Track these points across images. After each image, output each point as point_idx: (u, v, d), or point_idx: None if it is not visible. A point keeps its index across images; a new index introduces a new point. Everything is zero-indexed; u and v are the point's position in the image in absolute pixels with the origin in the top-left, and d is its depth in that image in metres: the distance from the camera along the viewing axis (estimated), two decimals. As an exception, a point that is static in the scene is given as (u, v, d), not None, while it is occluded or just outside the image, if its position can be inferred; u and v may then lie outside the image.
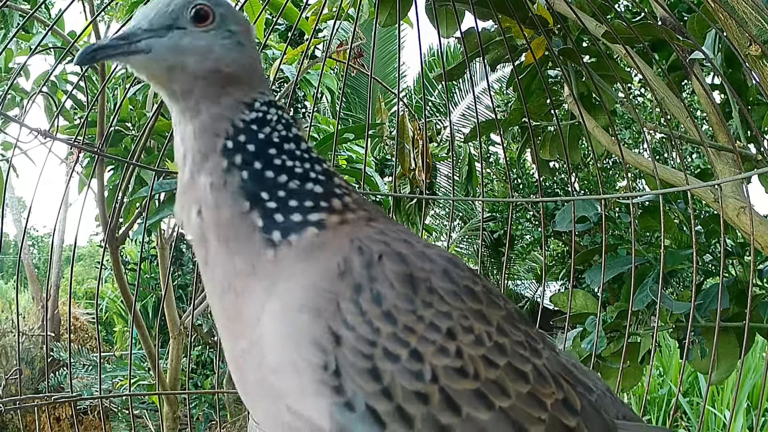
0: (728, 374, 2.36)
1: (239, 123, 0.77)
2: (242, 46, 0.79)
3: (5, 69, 4.20)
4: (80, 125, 2.20)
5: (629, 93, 5.93)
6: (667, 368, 5.97)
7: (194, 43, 0.77)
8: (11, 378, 2.96)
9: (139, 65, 0.78)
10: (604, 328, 2.45)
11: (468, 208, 10.17)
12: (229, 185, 0.74)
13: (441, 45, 2.43)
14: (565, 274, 6.74)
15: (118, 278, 3.52)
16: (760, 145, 2.52)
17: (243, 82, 0.79)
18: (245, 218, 0.74)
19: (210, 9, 0.78)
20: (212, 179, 0.75)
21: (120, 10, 4.81)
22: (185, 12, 0.77)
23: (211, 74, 0.77)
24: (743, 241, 2.64)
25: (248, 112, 0.78)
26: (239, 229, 0.74)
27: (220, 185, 0.74)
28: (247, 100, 0.79)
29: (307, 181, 0.76)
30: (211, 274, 0.76)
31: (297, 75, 2.86)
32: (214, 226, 0.74)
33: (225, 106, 0.77)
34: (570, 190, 5.11)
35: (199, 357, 6.50)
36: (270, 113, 0.79)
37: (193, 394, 5.68)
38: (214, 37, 0.78)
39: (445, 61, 2.57)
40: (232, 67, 0.78)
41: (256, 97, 0.79)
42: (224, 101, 0.77)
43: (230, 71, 0.78)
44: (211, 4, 0.78)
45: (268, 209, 0.74)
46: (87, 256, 14.13)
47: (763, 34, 1.78)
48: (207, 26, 0.78)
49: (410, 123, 3.79)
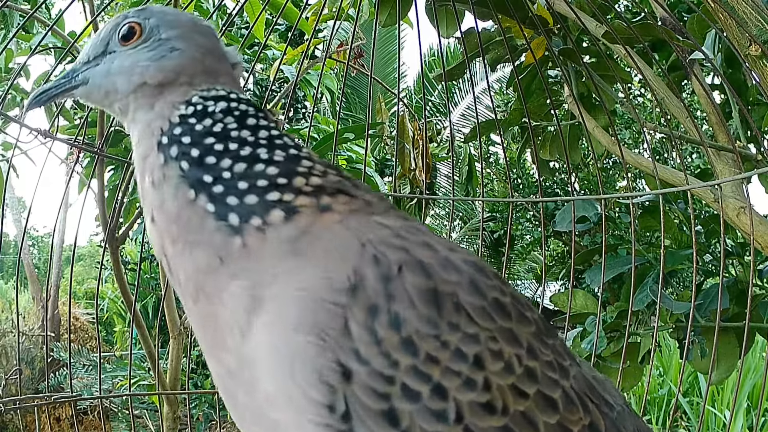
0: (728, 374, 2.36)
1: (175, 119, 0.74)
2: (176, 50, 0.78)
3: (5, 69, 4.20)
4: (80, 125, 2.20)
5: (629, 93, 5.94)
6: (667, 368, 5.97)
7: (120, 63, 0.78)
8: (11, 378, 2.96)
9: (81, 96, 0.81)
10: (604, 328, 2.45)
11: (468, 208, 10.17)
12: (169, 178, 0.70)
13: (441, 45, 2.43)
14: (565, 274, 6.74)
15: (118, 278, 3.52)
16: (760, 145, 2.52)
17: (179, 83, 0.77)
18: (193, 206, 0.68)
19: (137, 24, 0.79)
20: (153, 177, 0.71)
21: (120, 11, 4.82)
22: (114, 35, 0.79)
23: (139, 88, 0.77)
24: (743, 241, 2.64)
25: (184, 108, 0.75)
26: (191, 220, 0.68)
27: (161, 180, 0.70)
28: (186, 98, 0.76)
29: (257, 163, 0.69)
30: (177, 282, 0.69)
31: (297, 75, 2.86)
32: (166, 224, 0.69)
33: (158, 110, 0.76)
34: (570, 190, 5.11)
35: (200, 357, 6.47)
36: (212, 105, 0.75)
37: (193, 394, 5.67)
38: (140, 51, 0.78)
39: (445, 61, 2.57)
40: (159, 75, 0.77)
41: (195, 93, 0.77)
42: (157, 106, 0.76)
43: (159, 80, 0.77)
44: (140, 19, 0.79)
45: (216, 193, 0.68)
46: (87, 256, 14.12)
47: (763, 34, 1.78)
48: (134, 43, 0.78)
49: (410, 123, 3.80)
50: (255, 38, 4.05)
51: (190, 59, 0.79)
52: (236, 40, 4.50)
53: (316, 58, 4.09)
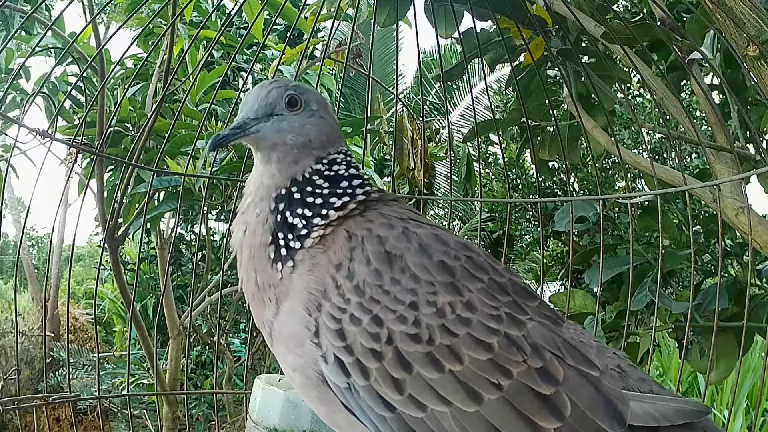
0: (727, 374, 2.36)
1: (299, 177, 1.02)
2: (323, 119, 1.06)
3: (5, 70, 4.20)
4: (79, 125, 2.20)
5: (628, 93, 5.94)
6: (666, 368, 5.98)
7: (290, 125, 1.04)
8: (10, 378, 2.96)
9: (250, 141, 1.05)
10: (603, 327, 2.45)
11: (467, 209, 10.16)
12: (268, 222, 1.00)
13: (439, 45, 2.43)
14: (565, 274, 6.74)
15: (118, 278, 3.52)
16: (759, 146, 2.52)
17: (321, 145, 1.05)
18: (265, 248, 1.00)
19: (298, 96, 1.05)
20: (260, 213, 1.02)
21: (119, 12, 4.82)
22: (281, 101, 1.05)
23: (303, 145, 1.03)
24: (742, 241, 2.65)
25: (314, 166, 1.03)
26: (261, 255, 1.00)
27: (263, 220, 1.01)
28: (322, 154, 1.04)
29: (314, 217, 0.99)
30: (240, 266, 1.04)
31: (296, 75, 2.86)
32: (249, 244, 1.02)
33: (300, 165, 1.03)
34: (569, 191, 5.12)
35: (199, 357, 6.49)
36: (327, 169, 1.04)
37: (192, 394, 5.67)
38: (303, 117, 1.05)
39: (443, 61, 2.56)
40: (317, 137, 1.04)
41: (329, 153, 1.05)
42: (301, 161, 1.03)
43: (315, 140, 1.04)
44: (298, 93, 1.06)
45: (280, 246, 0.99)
46: (86, 256, 14.10)
47: (761, 34, 1.78)
48: (297, 110, 1.05)
49: (409, 123, 3.80)
50: (254, 38, 4.06)
51: (331, 126, 1.08)
52: (235, 40, 4.50)
53: (314, 58, 4.09)
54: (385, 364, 0.85)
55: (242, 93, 5.59)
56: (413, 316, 0.86)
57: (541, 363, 0.85)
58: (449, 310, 0.87)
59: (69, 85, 4.20)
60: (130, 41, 2.22)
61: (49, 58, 4.47)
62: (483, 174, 8.95)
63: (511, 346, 0.85)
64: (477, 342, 0.85)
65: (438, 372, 0.84)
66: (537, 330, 0.89)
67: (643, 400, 0.87)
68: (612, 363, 0.93)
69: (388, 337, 0.86)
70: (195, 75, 3.68)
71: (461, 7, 2.23)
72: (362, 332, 0.87)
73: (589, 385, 0.85)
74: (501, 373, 0.83)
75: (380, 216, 0.98)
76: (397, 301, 0.87)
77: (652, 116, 6.79)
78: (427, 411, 0.84)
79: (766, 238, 2.22)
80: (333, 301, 0.90)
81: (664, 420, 0.84)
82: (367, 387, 0.86)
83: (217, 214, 5.89)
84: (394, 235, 0.93)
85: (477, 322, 0.86)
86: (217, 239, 6.76)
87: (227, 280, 5.91)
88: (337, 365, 0.88)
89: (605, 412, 0.84)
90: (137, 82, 4.12)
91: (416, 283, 0.89)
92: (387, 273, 0.89)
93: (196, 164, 3.22)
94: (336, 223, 0.98)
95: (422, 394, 0.84)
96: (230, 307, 6.31)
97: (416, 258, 0.91)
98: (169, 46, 2.92)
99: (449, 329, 0.86)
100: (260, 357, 6.68)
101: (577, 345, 0.91)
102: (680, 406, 0.86)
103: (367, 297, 0.88)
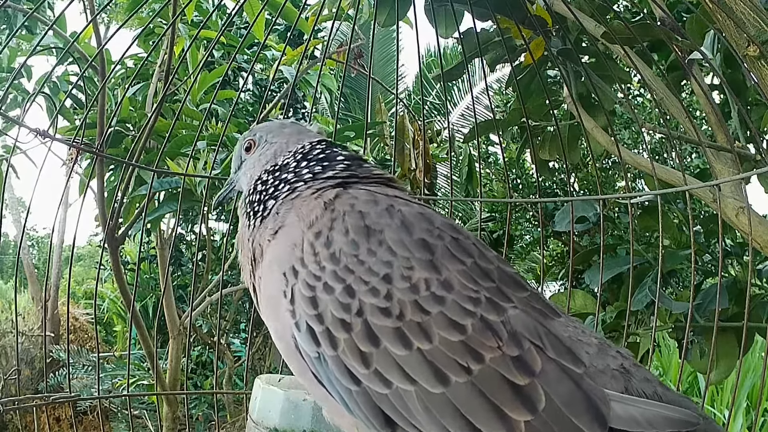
0: (727, 374, 2.36)
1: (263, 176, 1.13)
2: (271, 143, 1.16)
3: (7, 69, 4.21)
4: (79, 126, 2.20)
5: (628, 93, 5.94)
6: (666, 368, 5.98)
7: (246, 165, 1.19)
8: (10, 378, 2.96)
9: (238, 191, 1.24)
10: (603, 327, 2.45)
11: (468, 209, 10.16)
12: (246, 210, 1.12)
13: (439, 45, 2.43)
14: (565, 274, 6.74)
15: (118, 278, 3.52)
16: (759, 146, 2.52)
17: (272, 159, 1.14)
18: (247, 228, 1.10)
19: (251, 140, 1.19)
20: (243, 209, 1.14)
21: (120, 11, 4.82)
22: (241, 151, 1.21)
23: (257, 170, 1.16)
24: (742, 241, 2.65)
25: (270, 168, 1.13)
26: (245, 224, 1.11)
27: (243, 212, 1.12)
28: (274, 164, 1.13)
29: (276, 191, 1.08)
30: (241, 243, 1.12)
31: (296, 75, 2.86)
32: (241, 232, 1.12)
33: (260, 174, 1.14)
34: (569, 191, 5.12)
35: (199, 357, 6.49)
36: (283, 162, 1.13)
37: (192, 394, 5.67)
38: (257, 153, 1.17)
39: (443, 61, 2.56)
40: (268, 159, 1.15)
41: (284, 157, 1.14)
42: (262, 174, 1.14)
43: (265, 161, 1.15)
44: (251, 137, 1.19)
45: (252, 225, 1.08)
46: (86, 256, 14.10)
47: (761, 34, 1.78)
48: (254, 151, 1.18)
49: (410, 124, 3.80)
50: (254, 38, 4.06)
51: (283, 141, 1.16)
52: (236, 40, 4.50)
53: (315, 58, 4.09)
54: (353, 336, 0.84)
55: (242, 93, 5.61)
56: (386, 289, 0.85)
57: (518, 351, 0.81)
58: (423, 287, 0.85)
59: (70, 85, 4.20)
60: (130, 41, 2.22)
61: (50, 57, 4.46)
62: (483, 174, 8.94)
63: (487, 330, 0.82)
64: (449, 322, 0.83)
65: (405, 349, 0.82)
66: (519, 318, 0.85)
67: (627, 402, 0.81)
68: (614, 362, 0.87)
69: (359, 309, 0.85)
70: (195, 75, 3.68)
71: (461, 7, 2.23)
72: (334, 301, 0.87)
73: (568, 380, 0.80)
74: (472, 356, 0.81)
75: (367, 194, 0.99)
76: (371, 273, 0.86)
77: (652, 116, 6.79)
78: (392, 388, 0.83)
79: (767, 238, 2.22)
80: (309, 268, 0.90)
81: (648, 426, 0.79)
82: (335, 357, 0.86)
83: (218, 214, 5.89)
84: (377, 211, 0.93)
85: (452, 302, 0.84)
86: (218, 239, 6.76)
87: (227, 280, 5.92)
88: (308, 333, 0.88)
89: (585, 411, 0.79)
90: (138, 81, 4.12)
91: (392, 256, 0.87)
92: (364, 244, 0.89)
93: (196, 165, 3.22)
94: (315, 196, 1.01)
95: (388, 370, 0.83)
96: (230, 307, 6.31)
97: (395, 234, 0.90)
98: (170, 45, 2.92)
99: (421, 306, 0.84)
100: (260, 357, 6.69)
101: (564, 339, 0.86)
102: (669, 414, 0.80)
103: (342, 266, 0.88)
